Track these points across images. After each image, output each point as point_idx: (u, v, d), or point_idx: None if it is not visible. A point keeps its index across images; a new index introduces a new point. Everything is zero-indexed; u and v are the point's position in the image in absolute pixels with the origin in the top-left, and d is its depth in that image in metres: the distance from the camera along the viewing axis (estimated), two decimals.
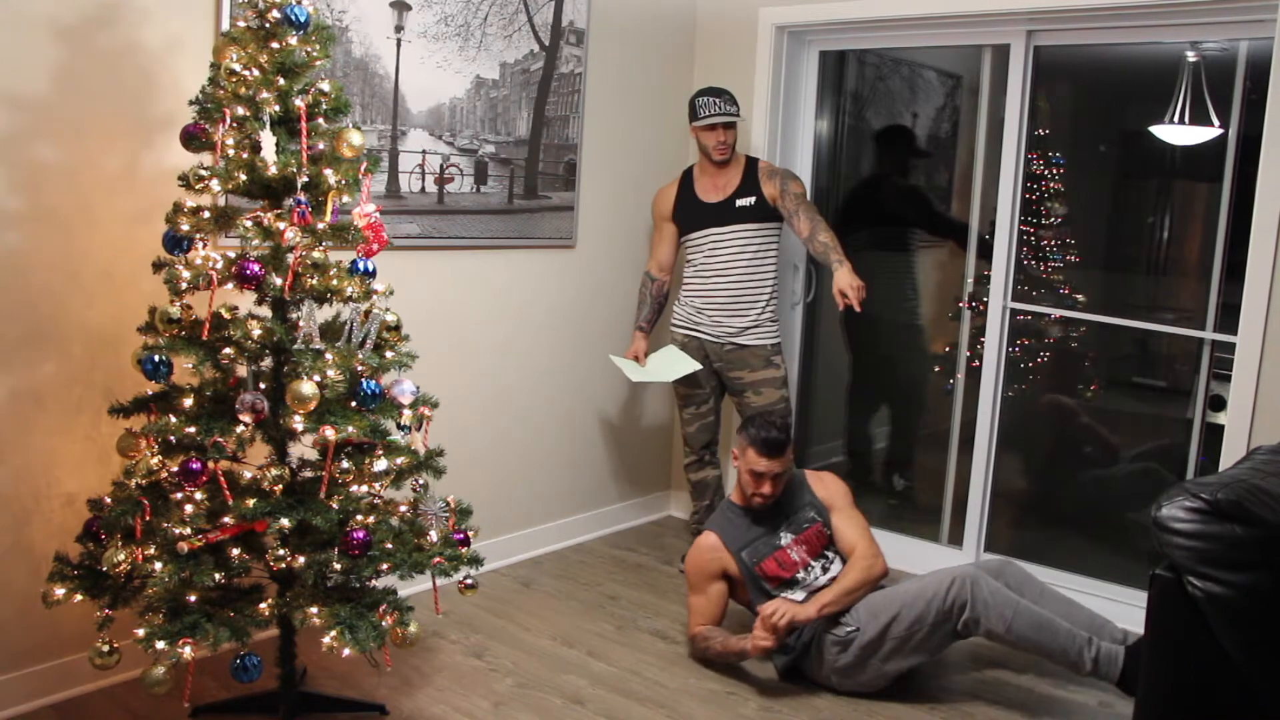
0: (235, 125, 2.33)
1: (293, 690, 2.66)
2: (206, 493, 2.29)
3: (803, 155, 4.30)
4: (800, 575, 3.08)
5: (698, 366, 3.75)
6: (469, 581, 2.61)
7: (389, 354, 2.49)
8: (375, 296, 2.48)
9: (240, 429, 2.29)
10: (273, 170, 2.32)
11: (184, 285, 2.32)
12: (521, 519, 3.97)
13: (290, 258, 2.34)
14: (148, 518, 2.31)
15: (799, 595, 3.04)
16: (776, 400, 3.74)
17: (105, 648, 2.36)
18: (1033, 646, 2.80)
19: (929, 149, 4.41)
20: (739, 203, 3.73)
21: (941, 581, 2.84)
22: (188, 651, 2.21)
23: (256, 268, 2.29)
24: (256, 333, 2.31)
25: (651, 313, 3.94)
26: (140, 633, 2.21)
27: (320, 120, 2.43)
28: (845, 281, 3.49)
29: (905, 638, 2.86)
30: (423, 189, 3.45)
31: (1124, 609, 3.55)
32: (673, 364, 3.79)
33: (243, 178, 2.33)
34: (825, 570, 3.10)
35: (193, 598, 2.27)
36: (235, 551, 2.32)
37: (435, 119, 3.46)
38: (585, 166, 3.99)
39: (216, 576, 2.26)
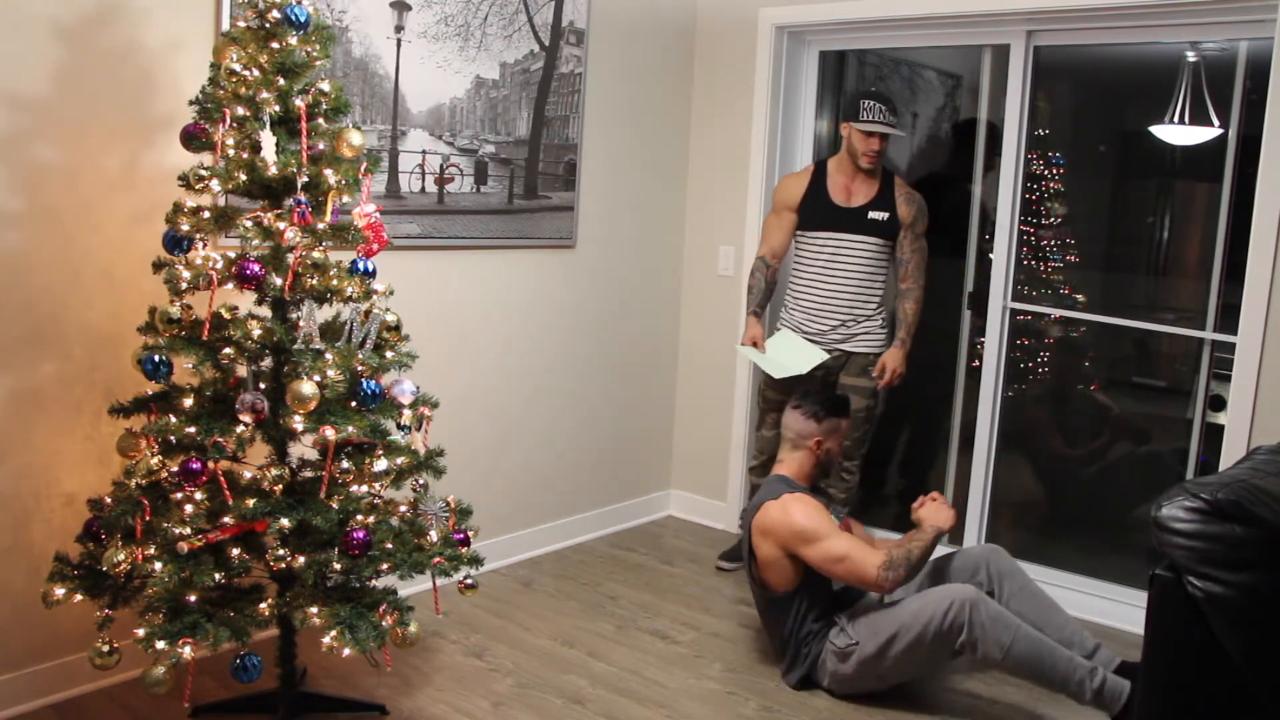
0: (235, 125, 2.33)
1: (293, 690, 2.66)
2: (206, 493, 2.29)
3: (803, 155, 4.30)
4: None
5: (826, 356, 3.71)
6: (469, 581, 2.61)
7: (389, 354, 2.49)
8: (375, 296, 2.48)
9: (240, 429, 2.29)
10: (273, 170, 2.32)
11: (184, 285, 2.32)
12: (521, 519, 3.97)
13: (290, 258, 2.34)
14: (148, 518, 2.31)
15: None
16: (861, 408, 3.71)
17: (105, 648, 2.35)
18: (1030, 674, 2.75)
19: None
20: (871, 214, 3.68)
21: (941, 602, 2.80)
22: (188, 651, 2.21)
23: (256, 268, 2.29)
24: (256, 333, 2.30)
25: (764, 298, 3.84)
26: (140, 633, 2.21)
27: (320, 120, 2.43)
28: (894, 360, 3.68)
29: (903, 657, 2.86)
30: (423, 189, 3.45)
31: (1124, 609, 3.55)
32: (799, 353, 3.72)
33: (243, 178, 2.33)
34: None
35: (193, 598, 2.27)
36: (235, 551, 2.32)
37: (435, 119, 3.46)
38: (585, 166, 3.99)
39: (216, 576, 2.26)
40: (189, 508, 2.26)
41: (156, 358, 2.32)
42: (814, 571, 2.96)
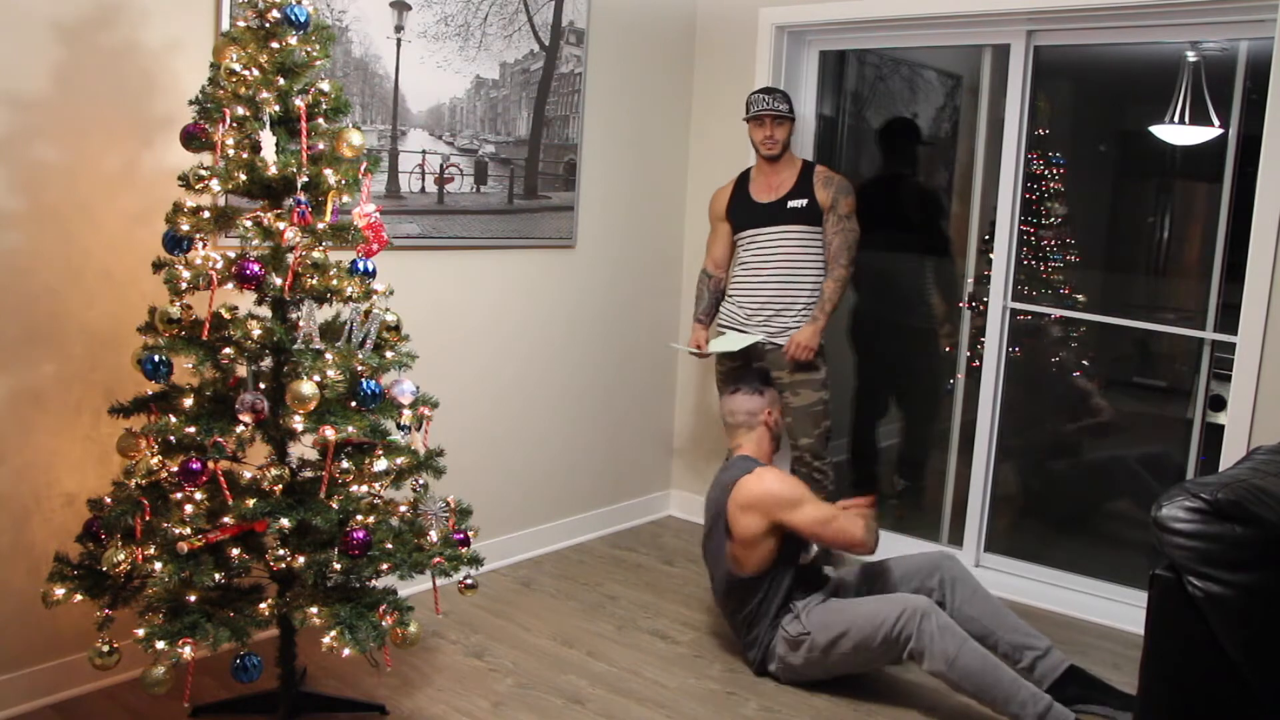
0: (235, 125, 2.33)
1: (293, 690, 2.66)
2: (206, 493, 2.29)
3: (802, 155, 4.29)
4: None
5: (760, 337, 3.74)
6: (469, 581, 2.61)
7: (389, 354, 2.49)
8: (375, 296, 2.48)
9: (240, 429, 2.29)
10: (273, 170, 2.32)
11: (184, 285, 2.32)
12: (521, 519, 3.97)
13: (290, 258, 2.34)
14: (148, 518, 2.31)
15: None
16: (814, 402, 3.72)
17: (105, 648, 2.35)
18: (974, 688, 2.73)
19: (930, 140, 4.37)
20: (790, 204, 3.74)
21: (894, 609, 2.84)
22: (188, 651, 2.21)
23: (256, 268, 2.29)
24: (256, 333, 2.30)
25: (710, 306, 3.95)
26: (140, 633, 2.21)
27: (320, 120, 2.43)
28: (802, 334, 3.68)
29: (849, 655, 2.92)
30: (423, 189, 3.45)
31: (1124, 609, 3.55)
32: (734, 340, 3.77)
33: (243, 178, 2.33)
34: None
35: (193, 598, 2.27)
36: (235, 551, 2.32)
37: (435, 119, 3.46)
38: (585, 166, 3.99)
39: (216, 576, 2.26)
40: (189, 508, 2.26)
41: (156, 358, 2.32)
42: (786, 555, 3.02)
